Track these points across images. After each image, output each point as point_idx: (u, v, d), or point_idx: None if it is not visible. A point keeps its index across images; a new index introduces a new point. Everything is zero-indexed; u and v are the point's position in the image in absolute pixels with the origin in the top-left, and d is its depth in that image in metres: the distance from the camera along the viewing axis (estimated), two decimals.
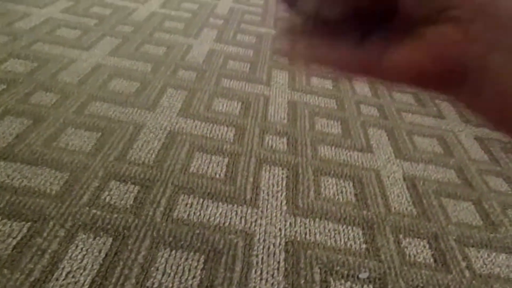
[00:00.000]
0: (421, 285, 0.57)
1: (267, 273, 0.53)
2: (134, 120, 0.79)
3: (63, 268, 0.49)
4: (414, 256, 0.61)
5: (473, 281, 0.59)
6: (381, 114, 1.00)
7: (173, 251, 0.54)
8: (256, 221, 0.61)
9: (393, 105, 1.06)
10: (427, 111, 1.07)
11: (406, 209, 0.71)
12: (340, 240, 0.61)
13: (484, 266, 0.62)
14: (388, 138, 0.91)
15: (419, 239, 0.65)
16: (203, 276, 0.51)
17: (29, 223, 0.54)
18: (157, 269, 0.51)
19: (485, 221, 0.72)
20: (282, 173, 0.72)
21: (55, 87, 0.84)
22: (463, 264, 0.62)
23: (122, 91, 0.87)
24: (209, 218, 0.60)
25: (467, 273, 0.60)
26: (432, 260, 0.61)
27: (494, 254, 0.65)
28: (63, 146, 0.68)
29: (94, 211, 0.57)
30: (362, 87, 1.13)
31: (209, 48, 1.16)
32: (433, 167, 0.84)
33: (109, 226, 0.55)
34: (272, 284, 0.52)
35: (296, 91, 1.03)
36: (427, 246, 0.64)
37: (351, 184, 0.73)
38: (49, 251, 0.51)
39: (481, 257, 0.64)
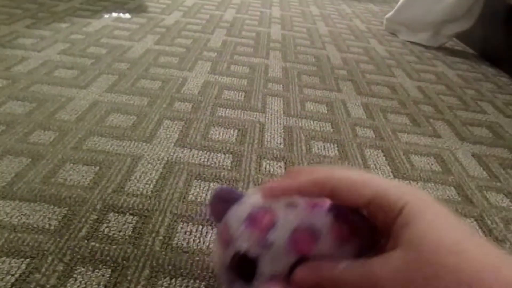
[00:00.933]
0: None
1: None
2: (131, 153, 0.79)
3: None
4: None
5: None
6: (377, 135, 1.01)
7: (173, 280, 0.53)
8: None
9: (388, 126, 1.07)
10: (422, 130, 1.08)
11: None
12: None
13: None
14: (385, 158, 0.91)
15: None
16: None
17: (28, 260, 0.54)
18: None
19: (488, 237, 0.72)
20: None
21: (53, 125, 0.85)
22: None
23: (119, 125, 0.88)
24: (209, 244, 0.60)
25: None
26: None
27: None
28: (61, 181, 0.69)
29: (92, 243, 0.57)
30: (356, 109, 1.14)
31: (204, 80, 1.19)
32: (432, 185, 0.84)
33: (108, 258, 0.55)
34: None
35: (291, 116, 1.04)
36: None
37: None
38: (48, 286, 0.50)
39: None
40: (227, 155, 0.83)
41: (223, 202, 0.34)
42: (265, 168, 0.80)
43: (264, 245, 0.30)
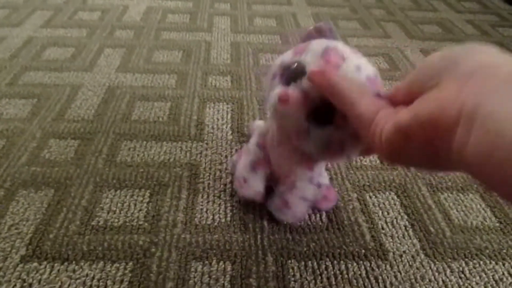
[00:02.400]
0: (368, 183, 0.58)
1: (214, 195, 0.54)
2: (71, 83, 0.77)
3: (5, 223, 0.48)
4: (360, 160, 0.62)
5: (417, 173, 0.61)
6: None
7: (118, 191, 0.54)
8: (201, 152, 0.61)
9: (338, 32, 1.05)
10: (372, 33, 1.07)
11: None
12: None
13: None
14: None
15: None
16: (149, 208, 0.52)
17: None
18: (102, 209, 0.51)
19: None
20: (227, 108, 0.72)
21: None
22: None
23: (57, 58, 0.85)
24: (153, 157, 0.60)
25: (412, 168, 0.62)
26: (378, 161, 0.63)
27: None
28: None
29: (34, 168, 0.56)
30: (306, 20, 1.12)
31: (146, 6, 1.13)
32: (379, 81, 0.84)
33: (50, 180, 0.55)
34: (220, 204, 0.53)
35: (238, 33, 1.01)
36: None
37: None
38: None
39: None
40: (171, 75, 0.81)
41: (319, 34, 0.40)
42: (211, 83, 0.79)
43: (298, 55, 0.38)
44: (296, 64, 0.37)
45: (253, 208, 0.52)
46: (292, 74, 0.37)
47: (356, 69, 0.36)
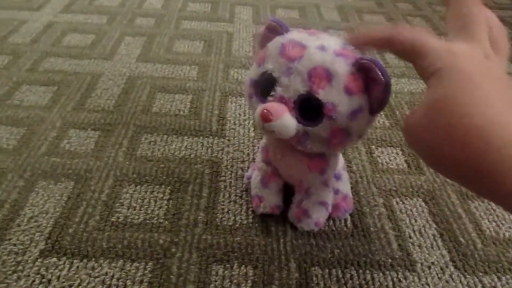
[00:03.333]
0: (394, 188, 0.56)
1: (236, 195, 0.52)
2: (91, 71, 0.75)
3: (24, 215, 0.48)
4: (386, 162, 0.60)
5: (446, 180, 0.59)
6: None
7: (138, 186, 0.53)
8: (223, 149, 0.60)
9: (363, 26, 1.03)
10: None
11: (378, 121, 0.69)
12: None
13: None
14: None
15: (392, 147, 0.64)
16: (170, 205, 0.50)
17: None
18: (122, 205, 0.50)
19: None
20: None
21: (6, 49, 0.80)
22: None
23: (77, 45, 0.84)
24: (174, 152, 0.59)
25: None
26: (405, 165, 0.61)
27: None
28: (17, 103, 0.66)
29: (53, 159, 0.56)
30: (330, 13, 1.09)
31: None
32: (405, 80, 0.82)
33: (70, 171, 0.54)
34: (241, 204, 0.51)
35: (261, 24, 0.99)
36: (400, 153, 0.63)
37: None
38: (9, 201, 0.49)
39: None
40: (192, 66, 0.80)
41: (272, 31, 0.40)
42: (233, 76, 0.77)
43: (286, 70, 0.35)
44: (263, 75, 0.37)
45: None
46: (265, 88, 0.37)
47: (320, 50, 0.35)
